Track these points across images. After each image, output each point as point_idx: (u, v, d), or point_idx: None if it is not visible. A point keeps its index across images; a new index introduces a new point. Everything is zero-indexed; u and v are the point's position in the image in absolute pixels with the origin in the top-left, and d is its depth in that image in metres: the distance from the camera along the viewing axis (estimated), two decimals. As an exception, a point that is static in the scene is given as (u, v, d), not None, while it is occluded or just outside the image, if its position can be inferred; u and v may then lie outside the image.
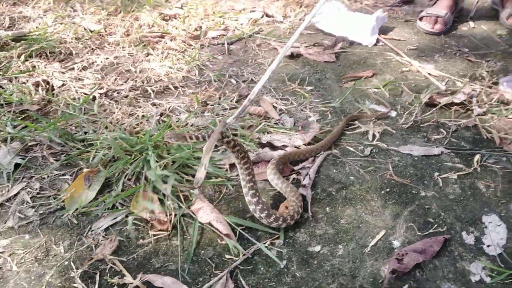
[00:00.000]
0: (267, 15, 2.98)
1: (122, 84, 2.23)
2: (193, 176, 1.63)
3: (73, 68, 2.34)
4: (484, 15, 2.93)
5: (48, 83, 2.17)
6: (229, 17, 2.95)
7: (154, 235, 1.41)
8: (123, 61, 2.45)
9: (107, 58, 2.47)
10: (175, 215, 1.46)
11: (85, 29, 2.72)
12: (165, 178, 1.54)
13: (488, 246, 1.39)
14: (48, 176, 1.64)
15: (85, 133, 1.84)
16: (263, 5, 3.09)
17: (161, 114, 1.98)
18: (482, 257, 1.36)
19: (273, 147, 1.78)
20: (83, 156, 1.71)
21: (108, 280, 1.27)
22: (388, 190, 1.60)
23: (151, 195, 1.51)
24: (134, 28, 2.76)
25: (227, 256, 1.35)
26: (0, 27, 2.73)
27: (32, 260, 1.33)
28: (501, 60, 2.38)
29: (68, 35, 2.64)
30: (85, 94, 2.11)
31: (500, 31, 2.72)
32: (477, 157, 1.72)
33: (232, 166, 1.69)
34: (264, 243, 1.38)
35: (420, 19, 2.78)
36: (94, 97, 2.09)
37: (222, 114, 1.97)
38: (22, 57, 2.33)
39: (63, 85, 2.20)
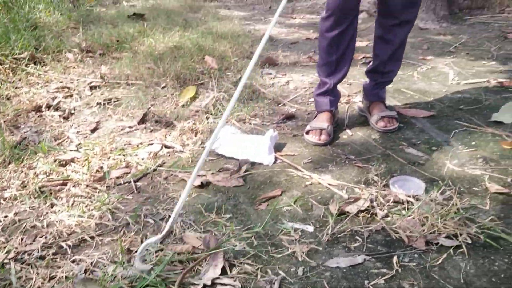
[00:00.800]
0: (166, 146, 3.06)
1: (31, 244, 2.09)
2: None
3: (-31, 234, 2.15)
4: (356, 122, 3.36)
5: None
6: (128, 153, 2.98)
7: None
8: (26, 216, 2.32)
9: (6, 216, 2.32)
10: None
11: (-26, 187, 2.54)
12: None
13: None
14: None
15: (3, 310, 1.67)
16: (159, 136, 3.19)
17: (85, 271, 1.89)
18: None
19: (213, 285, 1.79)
20: (7, 338, 1.55)
21: None
22: (330, 308, 1.69)
23: None
24: (30, 178, 2.64)
25: None
26: None
27: None
28: (383, 162, 2.73)
29: (-45, 196, 2.45)
30: (-9, 263, 1.94)
31: (374, 135, 3.13)
32: (395, 258, 1.91)
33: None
34: None
35: (307, 132, 3.10)
36: (3, 265, 1.93)
37: (151, 260, 1.94)
38: None
39: (-40, 256, 2.00)
